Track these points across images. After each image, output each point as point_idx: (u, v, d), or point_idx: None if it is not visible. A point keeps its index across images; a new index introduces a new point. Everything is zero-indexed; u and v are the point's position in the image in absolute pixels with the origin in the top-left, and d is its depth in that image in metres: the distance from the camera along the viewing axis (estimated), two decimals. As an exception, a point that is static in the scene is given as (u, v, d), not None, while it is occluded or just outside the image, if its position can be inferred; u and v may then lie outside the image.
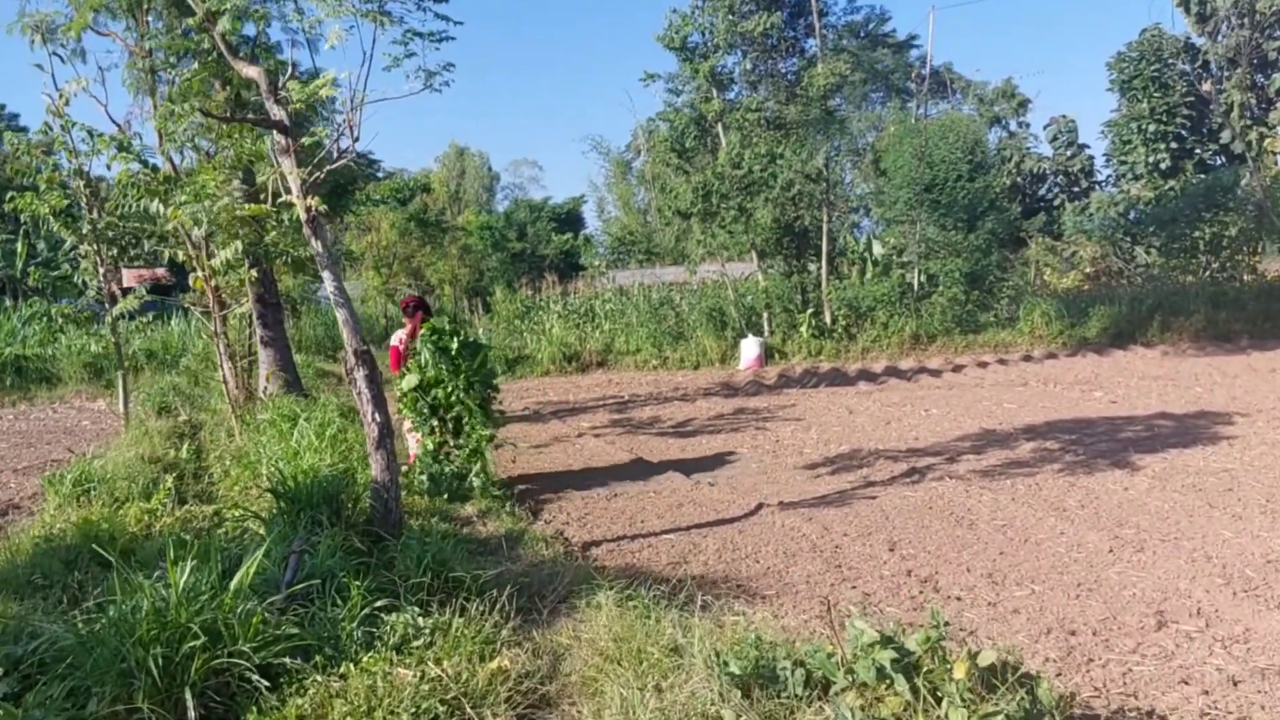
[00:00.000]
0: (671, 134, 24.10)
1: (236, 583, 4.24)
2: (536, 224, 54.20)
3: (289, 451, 8.20)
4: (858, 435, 11.84)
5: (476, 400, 8.74)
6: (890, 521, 7.58)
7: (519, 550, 6.57)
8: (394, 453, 6.53)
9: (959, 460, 9.93)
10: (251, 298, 13.83)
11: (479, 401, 8.78)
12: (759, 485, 9.36)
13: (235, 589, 4.19)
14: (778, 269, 24.23)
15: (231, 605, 4.06)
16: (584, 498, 9.04)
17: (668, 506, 8.54)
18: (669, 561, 6.66)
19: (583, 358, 22.90)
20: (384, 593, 4.82)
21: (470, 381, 8.71)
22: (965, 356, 21.27)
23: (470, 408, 8.72)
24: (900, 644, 3.54)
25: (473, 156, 78.81)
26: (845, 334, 23.00)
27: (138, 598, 3.96)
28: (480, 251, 45.44)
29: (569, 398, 17.64)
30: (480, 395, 8.81)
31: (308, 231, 6.50)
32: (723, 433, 12.65)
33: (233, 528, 6.61)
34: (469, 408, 8.71)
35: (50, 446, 14.96)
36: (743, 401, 15.91)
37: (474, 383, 8.74)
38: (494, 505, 8.13)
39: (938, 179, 23.25)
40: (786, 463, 10.44)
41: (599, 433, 13.09)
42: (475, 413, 8.71)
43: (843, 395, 16.07)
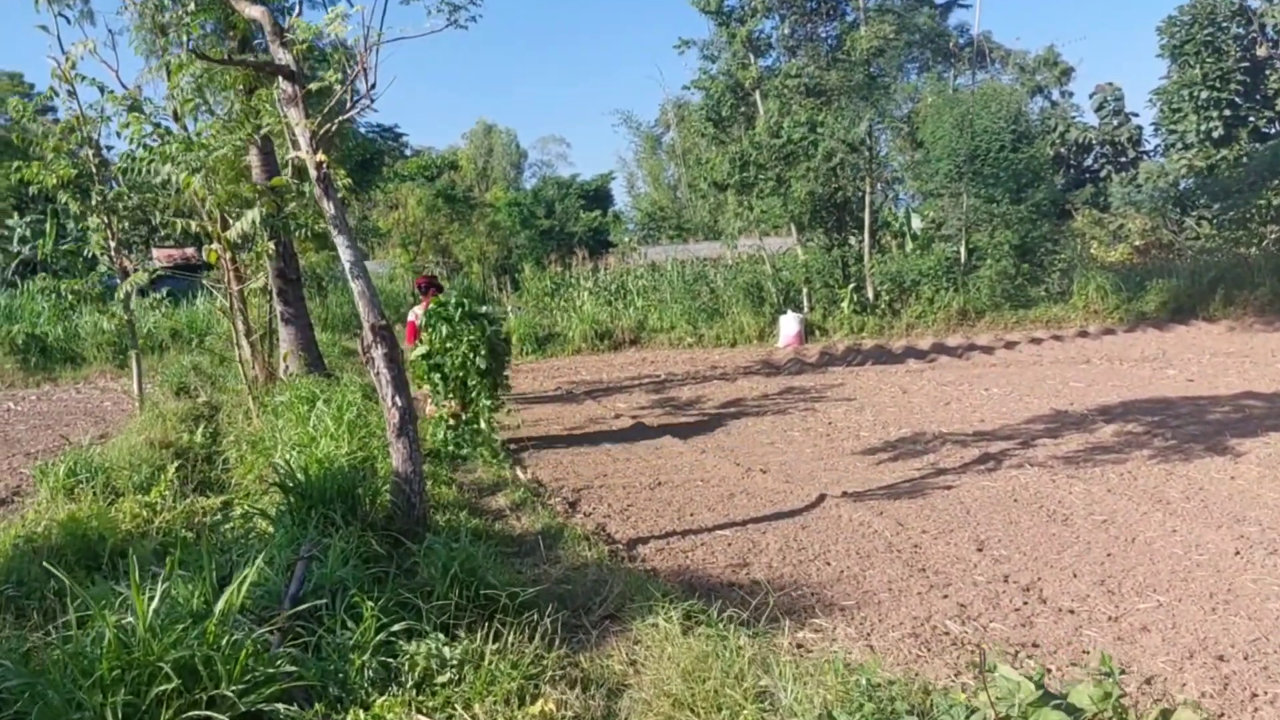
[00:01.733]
0: (707, 103, 23.15)
1: (224, 604, 3.50)
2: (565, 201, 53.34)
3: (305, 437, 7.49)
4: (917, 417, 10.98)
5: (478, 367, 8.99)
6: (973, 516, 6.76)
7: (557, 550, 5.82)
8: (418, 441, 5.79)
9: (1035, 445, 9.06)
10: (271, 273, 13.14)
11: (481, 369, 9.02)
12: (816, 472, 8.55)
13: (222, 612, 3.45)
14: (817, 242, 23.26)
15: (216, 634, 3.33)
16: (625, 486, 8.28)
17: (718, 497, 7.76)
18: (727, 563, 5.88)
19: (615, 335, 22.12)
20: (404, 610, 4.09)
21: (474, 346, 8.98)
22: (1016, 332, 20.27)
23: (471, 373, 9.03)
24: (1066, 701, 2.74)
25: (500, 134, 77.95)
26: (889, 310, 22.05)
27: (99, 626, 3.24)
28: (509, 228, 44.72)
29: (602, 377, 16.88)
30: (486, 362, 9.05)
31: (318, 191, 5.75)
32: (770, 414, 11.84)
33: (240, 524, 5.91)
34: (471, 373, 9.02)
35: (69, 428, 14.42)
36: (787, 380, 15.07)
37: (477, 347, 8.98)
38: (528, 497, 7.40)
39: (979, 150, 22.14)
40: (843, 447, 9.62)
41: (636, 414, 12.32)
42: (478, 380, 9.04)
43: (892, 374, 15.19)
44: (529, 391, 15.31)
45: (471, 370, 9.10)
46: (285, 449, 7.68)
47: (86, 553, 5.22)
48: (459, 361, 9.12)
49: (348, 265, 5.76)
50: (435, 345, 9.21)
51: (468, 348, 9.05)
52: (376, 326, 5.66)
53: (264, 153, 12.42)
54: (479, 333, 9.10)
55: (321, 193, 5.73)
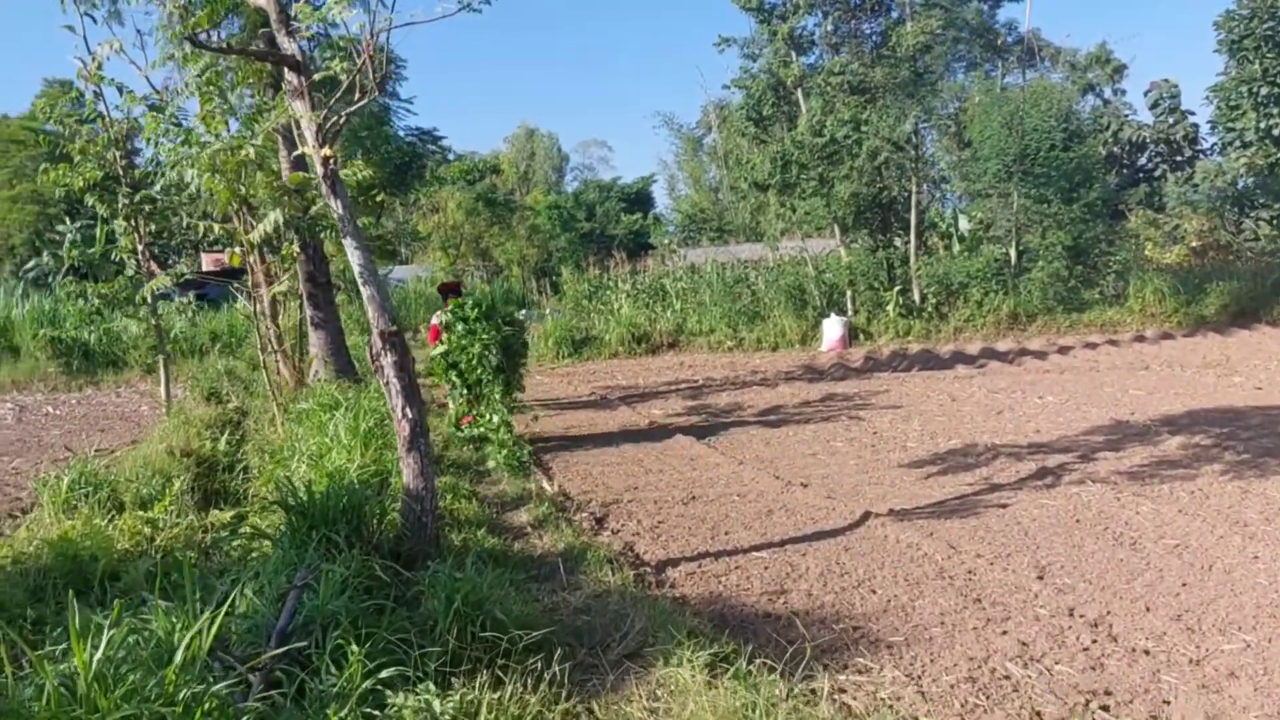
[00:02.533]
0: (747, 101, 22.65)
1: (186, 650, 3.11)
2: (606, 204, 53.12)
3: (321, 448, 7.15)
4: (967, 427, 10.42)
5: (491, 366, 9.29)
6: (1031, 539, 6.22)
7: (579, 574, 5.40)
8: (430, 456, 5.40)
9: (1096, 459, 8.48)
10: (301, 277, 12.92)
11: (494, 365, 9.32)
12: (860, 487, 8.05)
13: (184, 660, 3.06)
14: (862, 244, 22.65)
15: (175, 685, 2.95)
16: (657, 500, 7.84)
17: (755, 514, 7.29)
18: (763, 590, 5.42)
19: (653, 339, 21.70)
20: (400, 649, 3.69)
21: (487, 346, 9.28)
22: (1069, 337, 19.53)
23: (487, 371, 9.32)
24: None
25: (542, 138, 78.04)
26: (935, 313, 21.39)
27: (37, 679, 2.87)
28: (549, 231, 44.54)
29: (639, 381, 16.47)
30: (499, 360, 9.36)
31: (325, 188, 5.40)
32: (812, 422, 11.33)
33: (245, 543, 5.56)
34: (485, 370, 9.31)
35: (103, 434, 14.34)
36: (830, 386, 14.54)
37: (490, 346, 9.29)
38: (552, 512, 6.99)
39: (1029, 149, 21.38)
40: (889, 459, 9.10)
41: (672, 421, 11.88)
42: (491, 377, 9.32)
43: (940, 380, 14.59)
44: (563, 397, 14.95)
45: (485, 367, 9.40)
46: (300, 460, 7.36)
47: (76, 575, 4.90)
48: (474, 360, 9.44)
49: (357, 268, 5.39)
50: (452, 344, 9.63)
51: (481, 347, 9.36)
52: (386, 333, 5.29)
53: (292, 153, 12.18)
54: (493, 332, 9.42)
55: (329, 190, 5.37)
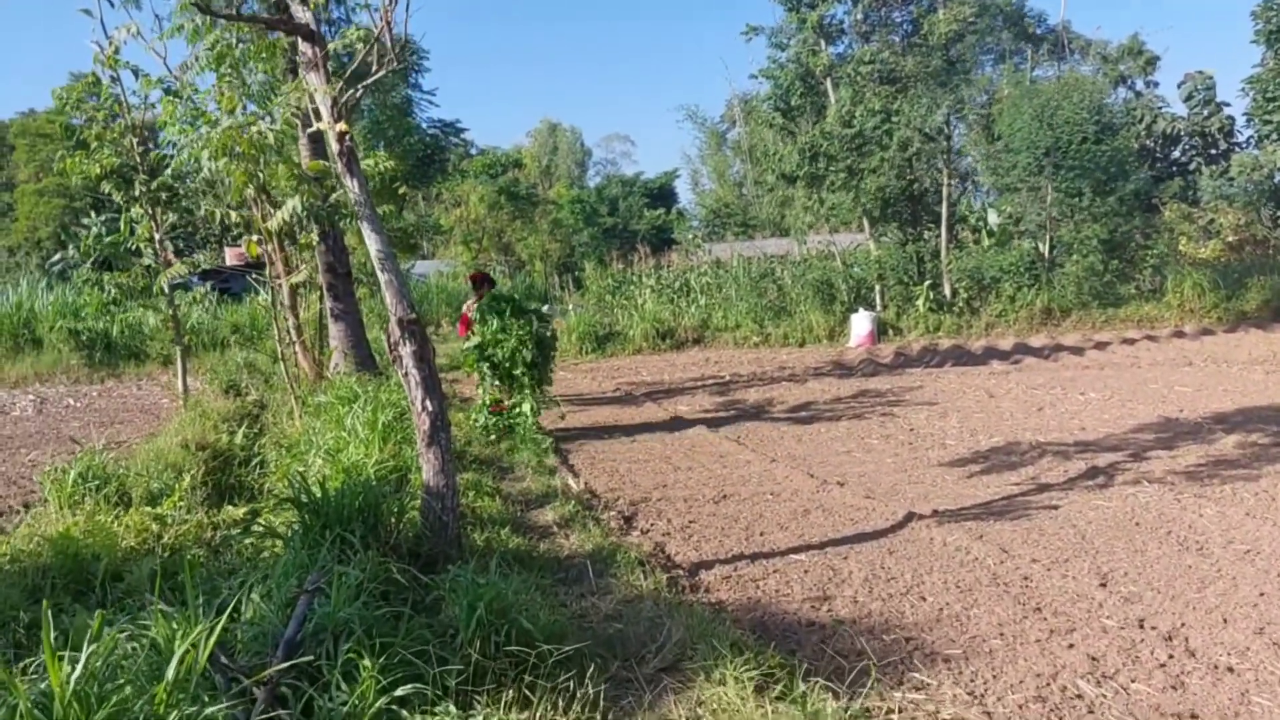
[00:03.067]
0: (775, 92, 22.27)
1: (179, 666, 2.80)
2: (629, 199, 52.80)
3: (339, 442, 6.86)
4: (1007, 424, 10.02)
5: (525, 360, 9.49)
6: (1089, 543, 5.84)
7: (608, 578, 5.08)
8: (451, 451, 5.09)
9: (1148, 457, 8.06)
10: (320, 267, 12.68)
11: (528, 361, 9.52)
12: (899, 486, 7.68)
13: (176, 676, 2.76)
14: (891, 237, 22.21)
15: (165, 705, 2.64)
16: (686, 499, 7.51)
17: (791, 513, 6.94)
18: (805, 596, 5.07)
19: (677, 334, 21.35)
20: (418, 662, 3.37)
21: (522, 341, 9.48)
22: (1106, 332, 19.03)
23: (519, 364, 9.49)
24: None
25: (565, 132, 77.90)
26: (966, 308, 20.93)
27: (10, 698, 2.58)
28: (571, 226, 44.27)
29: (664, 378, 16.13)
30: (533, 355, 9.56)
31: (340, 167, 5.09)
32: (845, 419, 10.96)
33: (257, 542, 5.28)
34: (519, 364, 9.50)
35: (122, 426, 14.16)
36: (861, 383, 14.15)
37: (525, 341, 9.49)
38: (579, 510, 6.67)
39: (1060, 142, 20.85)
40: (928, 457, 8.72)
41: (699, 418, 11.55)
42: (524, 370, 9.52)
43: (975, 376, 14.17)
44: (587, 392, 14.64)
45: (519, 362, 9.54)
46: (317, 454, 7.08)
47: (77, 575, 4.63)
48: (508, 354, 9.54)
49: (375, 254, 5.09)
50: (487, 338, 9.63)
51: (516, 341, 9.49)
52: (405, 321, 4.98)
53: (312, 138, 11.94)
54: (527, 328, 9.56)
55: (344, 169, 5.07)
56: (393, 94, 27.99)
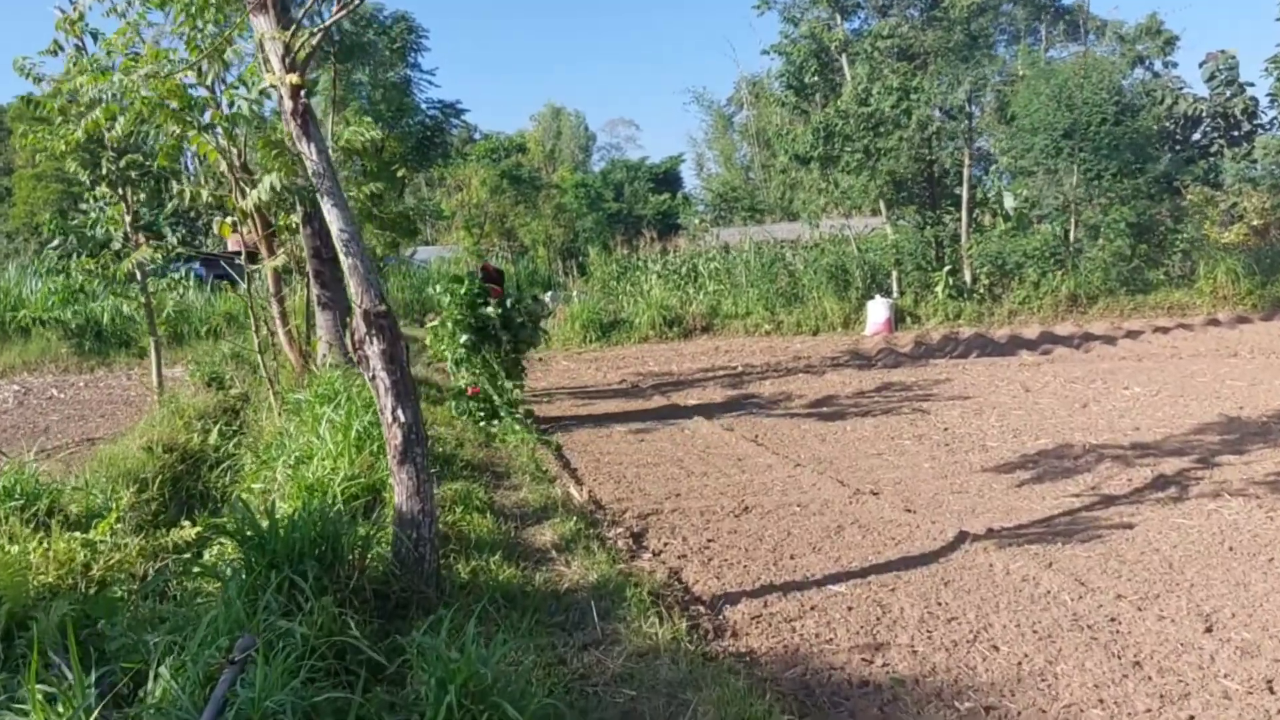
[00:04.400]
0: (787, 69, 21.30)
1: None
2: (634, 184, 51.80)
3: (307, 451, 6.02)
4: (1051, 423, 9.16)
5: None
6: (1179, 572, 4.99)
7: (616, 622, 4.25)
8: (427, 470, 4.26)
9: (1219, 463, 7.21)
10: (306, 252, 11.82)
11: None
12: (941, 496, 6.84)
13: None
14: (909, 221, 21.29)
15: None
16: (702, 511, 6.68)
17: (822, 530, 6.11)
18: (853, 643, 4.24)
19: (685, 322, 20.49)
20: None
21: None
22: (1135, 320, 18.16)
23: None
24: None
25: (569, 116, 76.89)
26: (988, 295, 20.05)
27: None
28: (575, 210, 43.32)
29: (672, 368, 15.29)
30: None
31: (294, 128, 4.24)
32: (871, 416, 10.12)
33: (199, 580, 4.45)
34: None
35: (104, 419, 13.40)
36: (883, 375, 13.30)
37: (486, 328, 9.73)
38: (581, 528, 5.84)
39: (1079, 124, 19.89)
40: (968, 461, 7.87)
41: (713, 414, 10.71)
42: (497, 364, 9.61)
43: (1005, 368, 13.30)
44: (591, 384, 13.81)
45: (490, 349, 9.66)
46: (286, 462, 6.25)
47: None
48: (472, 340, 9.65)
49: (336, 234, 4.25)
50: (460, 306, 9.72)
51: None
52: (372, 314, 4.14)
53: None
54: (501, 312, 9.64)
55: (299, 130, 4.22)
56: (390, 73, 27.07)
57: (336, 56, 16.98)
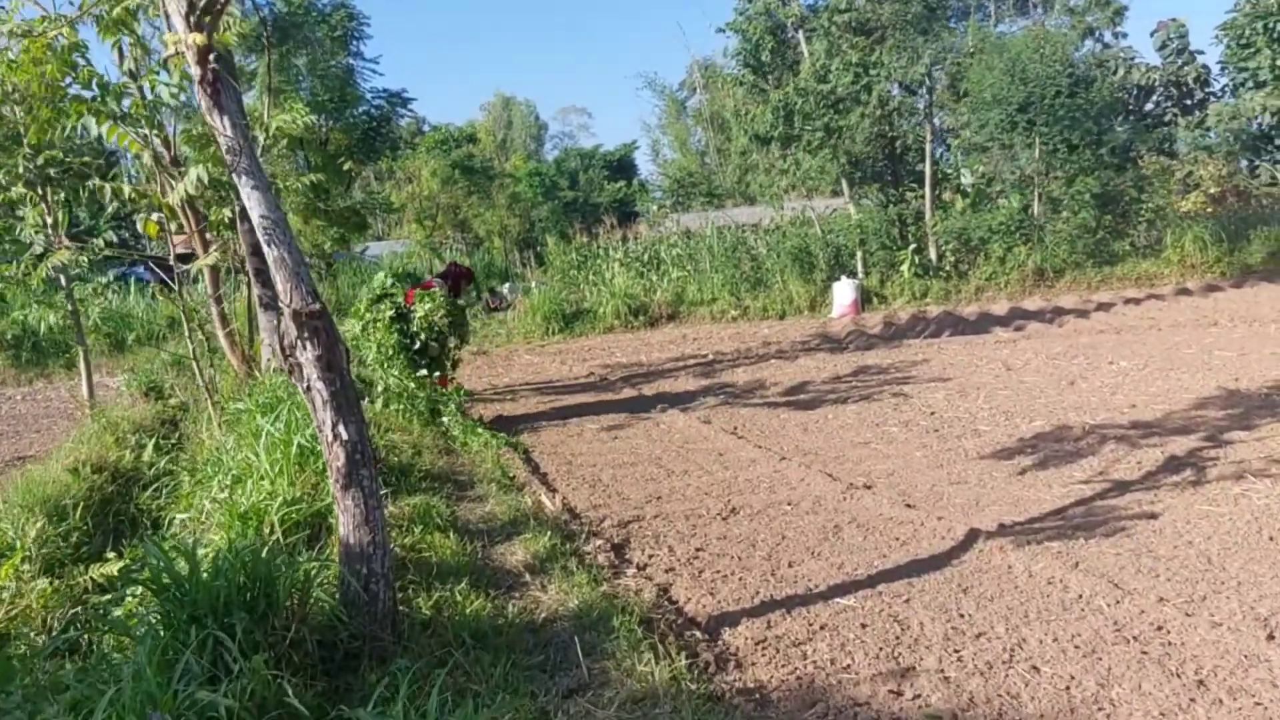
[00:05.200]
0: (744, 46, 20.76)
1: None
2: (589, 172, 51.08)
3: (243, 470, 5.36)
4: (1042, 402, 8.74)
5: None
6: (1219, 568, 4.54)
7: (603, 658, 3.68)
8: (378, 495, 3.66)
9: (1230, 441, 6.80)
10: (245, 249, 11.09)
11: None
12: (940, 488, 6.36)
13: None
14: (872, 199, 20.89)
15: None
16: (687, 515, 6.14)
17: (819, 531, 5.60)
18: (874, 670, 3.72)
19: (650, 310, 19.92)
20: None
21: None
22: (1104, 292, 17.92)
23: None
24: None
25: (519, 106, 75.92)
26: (954, 271, 19.71)
27: None
28: (530, 200, 42.53)
29: (640, 359, 14.73)
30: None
31: (203, 98, 3.60)
32: (851, 401, 9.64)
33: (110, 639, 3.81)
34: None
35: (39, 435, 12.59)
36: (856, 357, 12.84)
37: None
38: (556, 543, 5.26)
39: (1033, 97, 19.59)
40: (962, 448, 7.41)
41: (687, 406, 10.18)
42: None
43: (981, 346, 12.92)
44: (556, 379, 13.21)
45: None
46: (223, 482, 5.60)
47: None
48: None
49: (258, 221, 3.63)
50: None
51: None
52: (304, 314, 3.54)
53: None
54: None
55: (210, 102, 3.59)
56: (333, 64, 26.12)
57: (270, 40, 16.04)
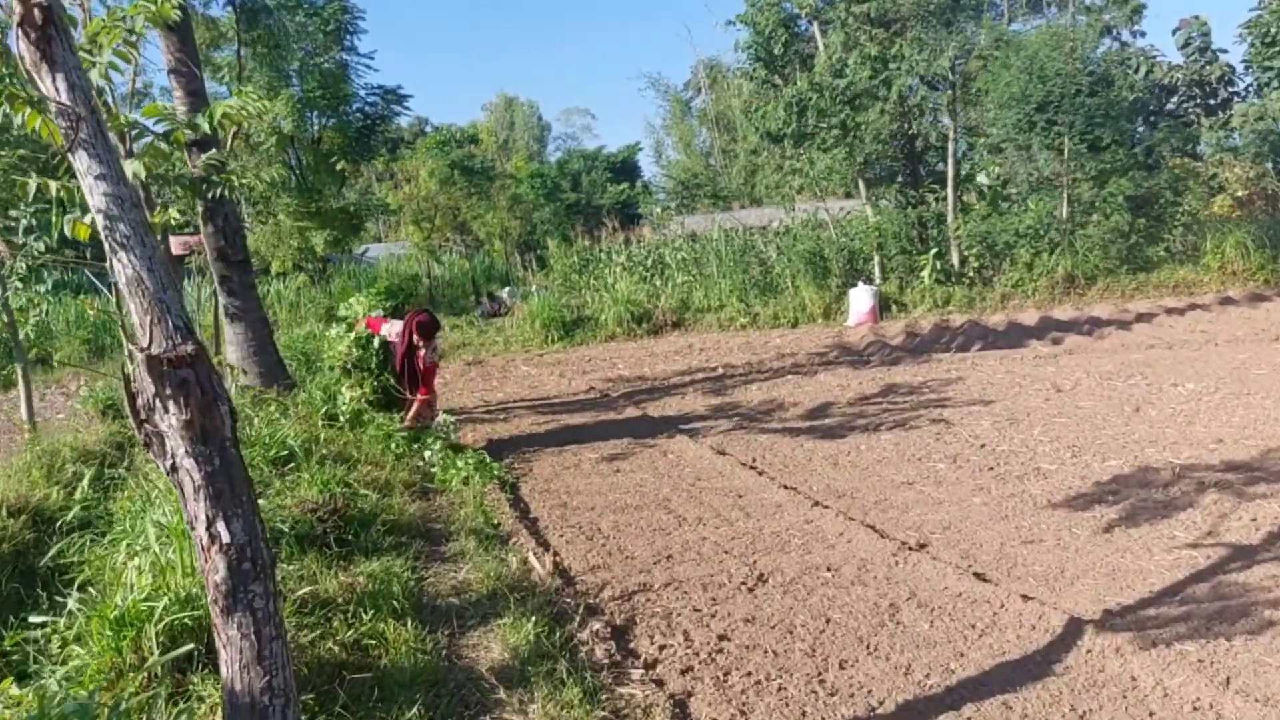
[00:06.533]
0: (755, 39, 19.61)
1: None
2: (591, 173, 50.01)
3: (149, 536, 4.22)
4: (1108, 434, 7.62)
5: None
6: None
7: None
8: (278, 617, 2.55)
9: (1355, 491, 5.68)
10: (210, 255, 10.02)
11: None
12: (1011, 548, 5.25)
13: None
14: (890, 201, 19.76)
15: None
16: (705, 583, 5.03)
17: (871, 611, 4.49)
18: None
19: (654, 317, 18.77)
20: None
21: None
22: (1140, 301, 16.78)
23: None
24: None
25: (522, 106, 74.99)
26: (978, 277, 18.57)
27: None
28: (532, 201, 41.40)
29: (644, 371, 13.61)
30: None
31: (26, 50, 2.49)
32: (884, 429, 8.51)
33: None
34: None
35: (-8, 454, 11.48)
36: (881, 373, 11.71)
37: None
38: (544, 630, 4.15)
39: (1051, 97, 18.51)
40: (1028, 493, 6.28)
41: (695, 428, 9.07)
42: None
43: (1019, 362, 11.79)
44: (554, 394, 12.09)
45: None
46: (133, 546, 4.48)
47: None
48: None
49: (101, 222, 2.52)
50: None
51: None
52: (163, 360, 2.42)
53: (185, 75, 9.23)
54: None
55: (36, 55, 2.48)
56: (325, 59, 25.02)
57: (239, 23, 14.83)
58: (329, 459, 7.17)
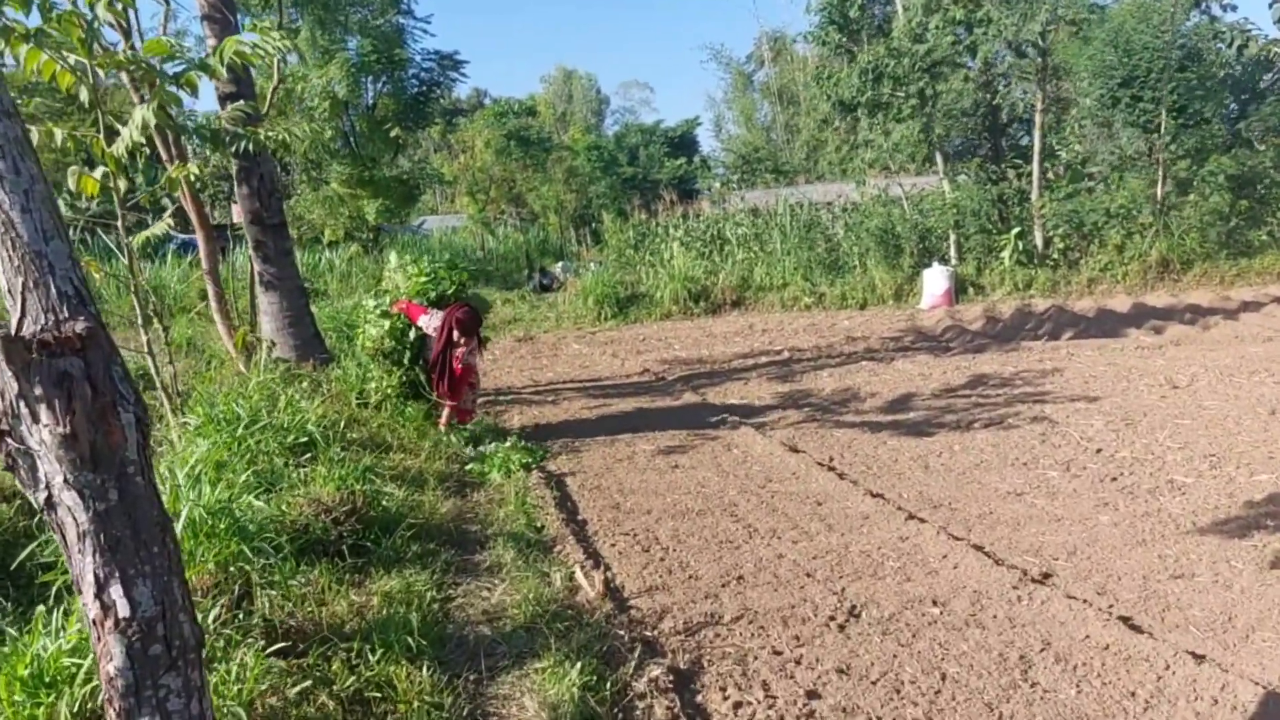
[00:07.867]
0: (830, 1, 18.45)
1: None
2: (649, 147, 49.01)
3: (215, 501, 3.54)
4: (1246, 440, 6.58)
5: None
6: None
7: None
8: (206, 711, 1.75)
9: None
10: (244, 217, 9.36)
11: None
12: (1157, 583, 4.31)
13: None
14: (970, 176, 18.55)
15: None
16: (785, 614, 4.19)
17: (994, 665, 3.61)
18: None
19: (713, 295, 17.89)
20: None
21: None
22: (1241, 289, 15.52)
23: None
24: None
25: (580, 79, 74.14)
26: (1063, 260, 17.33)
27: None
28: (588, 174, 40.53)
29: (702, 353, 12.73)
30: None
31: None
32: (977, 426, 7.55)
33: None
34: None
35: None
36: (966, 362, 10.70)
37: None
38: (589, 680, 3.34)
39: (1138, 71, 17.13)
40: (1165, 511, 5.31)
41: (763, 421, 8.19)
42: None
43: (1121, 353, 10.69)
44: (606, 376, 11.28)
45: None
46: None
47: None
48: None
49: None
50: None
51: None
52: (33, 343, 1.62)
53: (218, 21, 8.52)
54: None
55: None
56: (381, 21, 24.33)
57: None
58: (357, 444, 6.45)
